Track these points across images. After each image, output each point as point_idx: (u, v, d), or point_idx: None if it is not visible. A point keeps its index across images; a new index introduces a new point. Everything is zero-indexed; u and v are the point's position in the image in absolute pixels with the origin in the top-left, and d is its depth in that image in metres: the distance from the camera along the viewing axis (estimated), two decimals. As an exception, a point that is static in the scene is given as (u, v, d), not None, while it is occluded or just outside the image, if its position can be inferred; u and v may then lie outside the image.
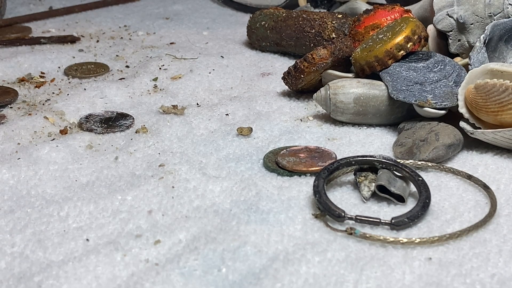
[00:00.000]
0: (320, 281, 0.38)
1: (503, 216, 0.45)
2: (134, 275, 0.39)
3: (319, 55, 0.63)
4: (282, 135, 0.58)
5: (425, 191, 0.45)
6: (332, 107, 0.59)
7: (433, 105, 0.56)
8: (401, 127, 0.58)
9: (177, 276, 0.38)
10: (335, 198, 0.47)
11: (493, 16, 0.63)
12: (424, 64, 0.59)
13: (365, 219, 0.43)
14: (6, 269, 0.40)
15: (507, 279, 0.38)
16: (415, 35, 0.60)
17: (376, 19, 0.69)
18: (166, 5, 1.06)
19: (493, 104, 0.52)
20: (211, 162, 0.53)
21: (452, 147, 0.52)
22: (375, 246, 0.41)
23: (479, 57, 0.58)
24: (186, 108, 0.64)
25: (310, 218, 0.44)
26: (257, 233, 0.43)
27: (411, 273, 0.38)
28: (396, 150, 0.54)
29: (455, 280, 0.38)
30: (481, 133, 0.52)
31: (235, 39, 0.88)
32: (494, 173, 0.51)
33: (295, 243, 0.41)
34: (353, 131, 0.59)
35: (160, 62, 0.77)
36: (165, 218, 0.45)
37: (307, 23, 0.77)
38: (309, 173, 0.50)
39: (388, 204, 0.46)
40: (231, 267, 0.39)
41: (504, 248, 0.41)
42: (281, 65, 0.77)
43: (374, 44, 0.61)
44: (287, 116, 0.63)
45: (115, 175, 0.51)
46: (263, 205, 0.46)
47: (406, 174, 0.47)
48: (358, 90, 0.59)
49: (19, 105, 0.65)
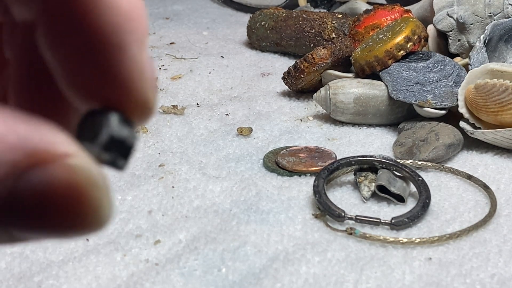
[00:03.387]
0: (320, 281, 0.38)
1: (503, 216, 0.44)
2: (134, 275, 0.39)
3: (319, 55, 0.63)
4: (282, 135, 0.58)
5: (425, 191, 0.45)
6: (332, 107, 0.59)
7: (433, 105, 0.56)
8: (401, 127, 0.58)
9: (177, 276, 0.38)
10: (335, 198, 0.47)
11: (493, 16, 0.63)
12: (424, 64, 0.59)
13: (365, 219, 0.43)
14: (6, 269, 0.40)
15: (507, 279, 0.38)
16: (415, 35, 0.60)
17: (376, 19, 0.69)
18: (166, 5, 1.06)
19: (493, 104, 0.52)
20: (211, 162, 0.53)
21: (452, 147, 0.52)
22: (375, 246, 0.41)
23: (479, 57, 0.58)
24: (186, 108, 0.64)
25: (310, 218, 0.44)
26: (257, 233, 0.43)
27: (411, 273, 0.38)
28: (396, 150, 0.54)
29: (455, 280, 0.38)
30: (481, 133, 0.52)
31: (235, 39, 0.88)
32: (494, 173, 0.51)
33: (295, 243, 0.41)
34: (353, 131, 0.59)
35: (160, 62, 0.77)
36: (165, 218, 0.45)
37: (307, 23, 0.77)
38: (309, 173, 0.50)
39: (388, 204, 0.46)
40: (231, 267, 0.39)
41: (504, 248, 0.41)
42: (281, 65, 0.77)
43: (374, 44, 0.61)
44: (287, 116, 0.63)
45: (115, 175, 0.51)
46: (263, 205, 0.46)
47: (406, 174, 0.47)
48: (358, 90, 0.59)
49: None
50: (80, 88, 0.15)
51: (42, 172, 0.13)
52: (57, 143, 0.13)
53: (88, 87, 0.15)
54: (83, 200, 0.13)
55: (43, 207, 0.13)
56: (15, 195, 0.13)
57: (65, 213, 0.13)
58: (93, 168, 0.14)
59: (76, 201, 0.13)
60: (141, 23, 0.15)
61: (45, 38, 0.15)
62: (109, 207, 0.14)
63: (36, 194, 0.13)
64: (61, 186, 0.13)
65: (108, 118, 0.15)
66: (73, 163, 0.13)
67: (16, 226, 0.13)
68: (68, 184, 0.13)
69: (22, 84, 0.18)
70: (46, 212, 0.13)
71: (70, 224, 0.13)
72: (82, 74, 0.15)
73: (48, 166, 0.13)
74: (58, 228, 0.13)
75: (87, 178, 0.13)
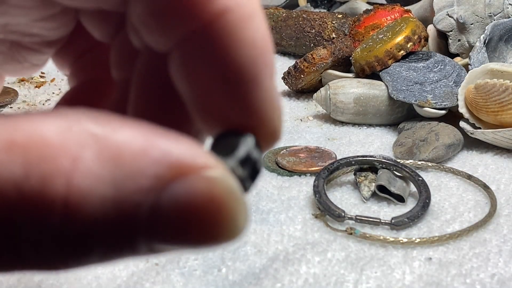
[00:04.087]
0: (320, 281, 0.38)
1: (503, 216, 0.44)
2: (134, 275, 0.39)
3: (319, 55, 0.63)
4: (282, 135, 0.58)
5: (425, 191, 0.45)
6: (332, 107, 0.59)
7: (433, 105, 0.56)
8: (401, 127, 0.58)
9: (177, 276, 0.38)
10: (335, 198, 0.47)
11: (493, 16, 0.63)
12: (424, 64, 0.59)
13: (365, 219, 0.43)
14: (6, 269, 0.40)
15: (507, 279, 0.38)
16: (415, 35, 0.60)
17: (376, 19, 0.69)
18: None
19: (493, 104, 0.52)
20: (211, 162, 0.53)
21: (452, 147, 0.52)
22: (375, 246, 0.41)
23: (479, 57, 0.58)
24: (186, 108, 0.64)
25: (310, 218, 0.44)
26: (257, 233, 0.43)
27: (411, 273, 0.38)
28: (396, 150, 0.54)
29: (455, 280, 0.38)
30: (481, 133, 0.52)
31: (235, 39, 0.88)
32: (494, 173, 0.51)
33: (295, 243, 0.41)
34: (353, 131, 0.59)
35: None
36: (165, 218, 0.45)
37: (307, 23, 0.77)
38: (309, 173, 0.50)
39: (388, 204, 0.46)
40: (231, 267, 0.39)
41: (504, 248, 0.41)
42: (281, 65, 0.77)
43: (374, 44, 0.61)
44: (287, 116, 0.63)
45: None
46: (263, 205, 0.46)
47: (406, 174, 0.47)
48: (358, 90, 0.59)
49: (19, 105, 0.65)
50: (211, 113, 0.16)
51: (184, 184, 0.13)
52: (197, 156, 0.14)
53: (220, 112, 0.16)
54: (223, 211, 0.13)
55: (185, 219, 0.13)
56: (159, 208, 0.13)
57: (206, 225, 0.13)
58: (231, 180, 0.14)
59: (216, 212, 0.13)
60: (272, 57, 0.16)
61: (180, 66, 0.16)
62: (246, 218, 0.14)
63: (179, 206, 0.13)
64: (203, 197, 0.13)
65: (246, 139, 0.16)
66: (213, 175, 0.13)
67: (158, 239, 0.13)
68: (209, 195, 0.13)
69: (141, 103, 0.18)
70: (188, 224, 0.13)
71: (210, 235, 0.14)
72: (214, 99, 0.16)
73: (190, 178, 0.13)
74: (198, 239, 0.14)
75: (227, 190, 0.14)
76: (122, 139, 0.13)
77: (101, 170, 0.13)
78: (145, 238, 0.13)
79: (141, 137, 0.13)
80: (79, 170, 0.12)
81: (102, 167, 0.13)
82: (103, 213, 0.13)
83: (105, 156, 0.13)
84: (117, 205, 0.13)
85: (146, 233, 0.13)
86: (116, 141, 0.13)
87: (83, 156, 0.13)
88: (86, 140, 0.13)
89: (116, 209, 0.13)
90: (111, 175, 0.13)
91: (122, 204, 0.13)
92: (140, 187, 0.13)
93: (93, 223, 0.13)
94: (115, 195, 0.13)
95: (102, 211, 0.13)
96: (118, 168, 0.13)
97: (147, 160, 0.13)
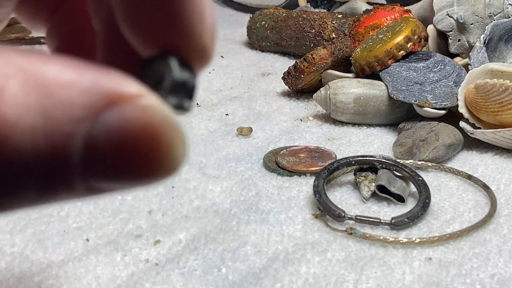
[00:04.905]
0: (320, 281, 0.38)
1: (503, 216, 0.44)
2: (134, 275, 0.39)
3: (319, 55, 0.63)
4: (282, 135, 0.58)
5: (425, 191, 0.45)
6: (332, 107, 0.59)
7: (433, 105, 0.56)
8: (401, 127, 0.58)
9: (177, 276, 0.38)
10: (335, 198, 0.47)
11: (493, 16, 0.63)
12: (424, 64, 0.59)
13: (365, 219, 0.43)
14: (6, 269, 0.40)
15: (507, 279, 0.38)
16: (415, 35, 0.60)
17: (376, 19, 0.69)
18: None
19: (493, 104, 0.52)
20: (211, 162, 0.53)
21: (452, 147, 0.52)
22: (375, 246, 0.41)
23: (479, 57, 0.58)
24: (186, 108, 0.64)
25: (310, 218, 0.44)
26: (257, 233, 0.43)
27: (411, 273, 0.38)
28: (396, 150, 0.54)
29: (455, 280, 0.38)
30: (481, 133, 0.52)
31: (235, 39, 0.88)
32: (494, 173, 0.51)
33: (295, 243, 0.41)
34: (353, 131, 0.59)
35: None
36: (165, 218, 0.45)
37: (307, 23, 0.77)
38: (309, 173, 0.50)
39: (388, 204, 0.46)
40: (231, 267, 0.39)
41: (504, 248, 0.41)
42: (281, 65, 0.77)
43: (374, 44, 0.61)
44: (287, 116, 0.63)
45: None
46: (263, 205, 0.46)
47: (406, 174, 0.47)
48: (358, 90, 0.59)
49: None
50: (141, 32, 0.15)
51: (117, 113, 0.13)
52: (128, 85, 0.13)
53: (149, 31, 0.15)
54: (159, 140, 0.13)
55: (120, 150, 0.13)
56: (92, 139, 0.13)
57: (142, 156, 0.13)
58: (166, 107, 0.13)
59: (152, 141, 0.13)
60: None
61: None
62: (183, 147, 0.14)
63: (112, 136, 0.13)
64: (137, 126, 0.13)
65: (168, 63, 0.15)
66: (146, 103, 0.13)
67: (94, 175, 0.13)
68: (143, 124, 0.13)
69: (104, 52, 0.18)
70: (124, 156, 0.13)
71: (147, 167, 0.13)
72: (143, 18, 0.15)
73: (122, 107, 0.13)
74: (135, 172, 0.13)
75: (161, 117, 0.13)
76: (50, 71, 0.12)
77: (28, 98, 0.12)
78: (81, 174, 0.13)
79: (70, 70, 0.13)
80: (3, 99, 0.12)
81: (29, 95, 0.12)
82: (32, 144, 0.12)
83: (32, 85, 0.12)
84: (48, 135, 0.12)
85: (80, 168, 0.13)
86: (43, 72, 0.12)
87: (8, 86, 0.12)
88: (12, 71, 0.12)
89: (46, 139, 0.12)
90: (39, 104, 0.12)
91: (53, 135, 0.12)
92: (70, 116, 0.12)
93: (23, 156, 0.12)
94: (45, 124, 0.12)
95: (32, 142, 0.12)
96: (46, 97, 0.12)
97: (76, 89, 0.13)
